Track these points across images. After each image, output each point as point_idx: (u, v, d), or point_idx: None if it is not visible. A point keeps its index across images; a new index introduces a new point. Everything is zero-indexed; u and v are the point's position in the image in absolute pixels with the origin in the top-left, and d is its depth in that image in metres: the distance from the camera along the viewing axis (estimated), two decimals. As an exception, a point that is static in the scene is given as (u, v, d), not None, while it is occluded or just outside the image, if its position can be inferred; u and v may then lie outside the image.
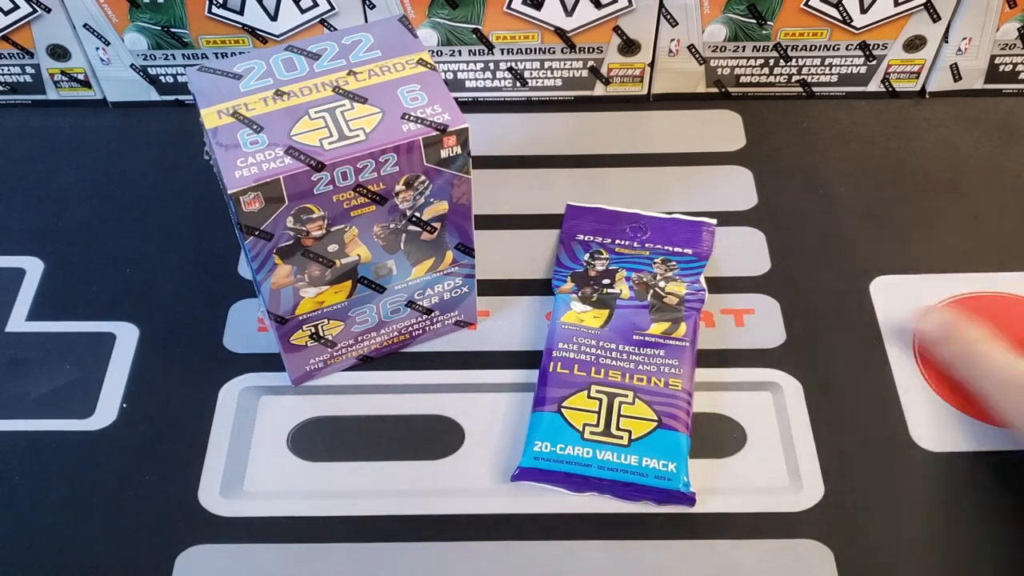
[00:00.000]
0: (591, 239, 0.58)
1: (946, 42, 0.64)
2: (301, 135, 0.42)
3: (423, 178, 0.44)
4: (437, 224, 0.47)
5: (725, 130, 0.66)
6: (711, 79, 0.67)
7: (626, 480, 0.48)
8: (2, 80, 0.66)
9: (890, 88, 0.67)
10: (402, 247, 0.48)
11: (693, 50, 0.64)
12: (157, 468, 0.50)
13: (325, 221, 0.44)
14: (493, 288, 0.57)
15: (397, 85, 0.44)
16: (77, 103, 0.67)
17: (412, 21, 0.61)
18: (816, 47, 0.64)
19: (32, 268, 0.58)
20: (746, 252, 0.59)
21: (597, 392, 0.51)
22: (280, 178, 0.41)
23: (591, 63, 0.65)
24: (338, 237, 0.45)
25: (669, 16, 0.62)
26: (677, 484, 0.48)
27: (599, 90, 0.67)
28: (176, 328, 0.55)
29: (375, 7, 0.62)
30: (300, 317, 0.48)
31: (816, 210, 0.61)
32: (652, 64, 0.65)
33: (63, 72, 0.65)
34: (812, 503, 0.48)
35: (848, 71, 0.66)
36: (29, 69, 0.65)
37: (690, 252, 0.57)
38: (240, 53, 0.61)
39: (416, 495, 0.49)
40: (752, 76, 0.66)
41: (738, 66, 0.66)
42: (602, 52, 0.64)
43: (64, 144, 0.65)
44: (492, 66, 0.65)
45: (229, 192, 0.41)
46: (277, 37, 0.63)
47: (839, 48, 0.64)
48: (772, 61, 0.65)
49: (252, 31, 0.62)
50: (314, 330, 0.50)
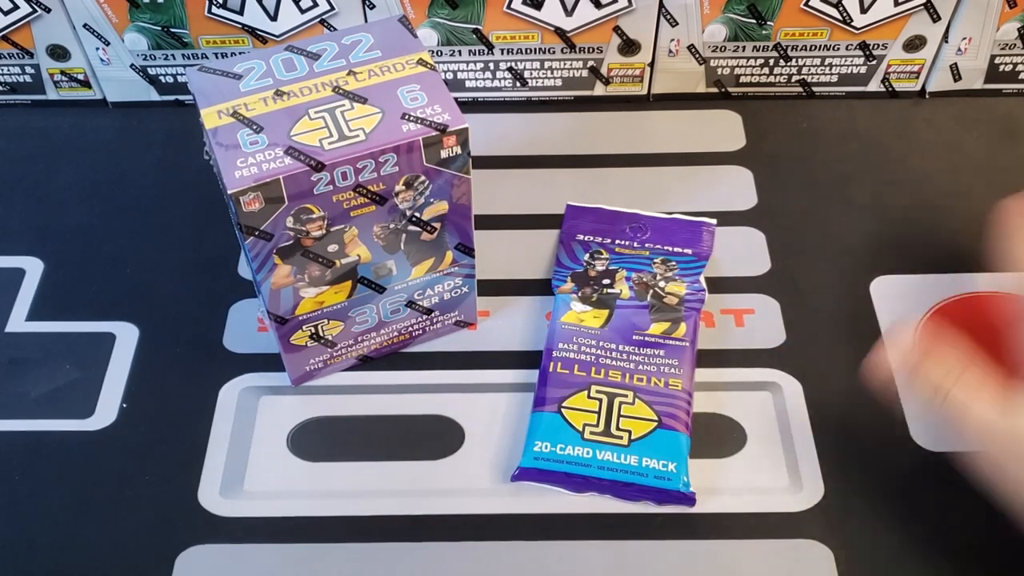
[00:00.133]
0: (591, 239, 0.58)
1: (946, 42, 0.64)
2: (301, 135, 0.42)
3: (423, 178, 0.44)
4: (437, 224, 0.47)
5: (725, 130, 0.66)
6: (711, 79, 0.67)
7: (626, 480, 0.48)
8: (2, 80, 0.66)
9: (890, 88, 0.67)
10: (402, 247, 0.48)
11: (693, 50, 0.64)
12: (157, 468, 0.50)
13: (325, 221, 0.44)
14: (493, 288, 0.57)
15: (397, 85, 0.44)
16: (77, 103, 0.67)
17: (412, 21, 0.61)
18: (816, 47, 0.64)
19: (32, 268, 0.58)
20: (746, 252, 0.59)
21: (597, 392, 0.51)
22: (280, 178, 0.41)
23: (591, 63, 0.65)
24: (338, 237, 0.45)
25: (669, 16, 0.62)
26: (677, 484, 0.48)
27: (599, 90, 0.67)
28: (176, 328, 0.55)
29: (375, 7, 0.62)
30: (300, 317, 0.48)
31: (816, 210, 0.61)
32: (652, 64, 0.65)
33: (63, 72, 0.65)
34: (812, 503, 0.48)
35: (848, 71, 0.66)
36: (29, 69, 0.65)
37: (690, 252, 0.57)
38: (240, 53, 0.61)
39: (416, 495, 0.49)
40: (752, 76, 0.66)
41: (738, 66, 0.66)
42: (602, 52, 0.64)
43: (64, 144, 0.65)
44: (492, 66, 0.65)
45: (229, 192, 0.41)
46: (277, 37, 0.63)
47: (839, 48, 0.64)
48: (772, 61, 0.65)
49: (252, 31, 0.62)
50: (314, 330, 0.50)
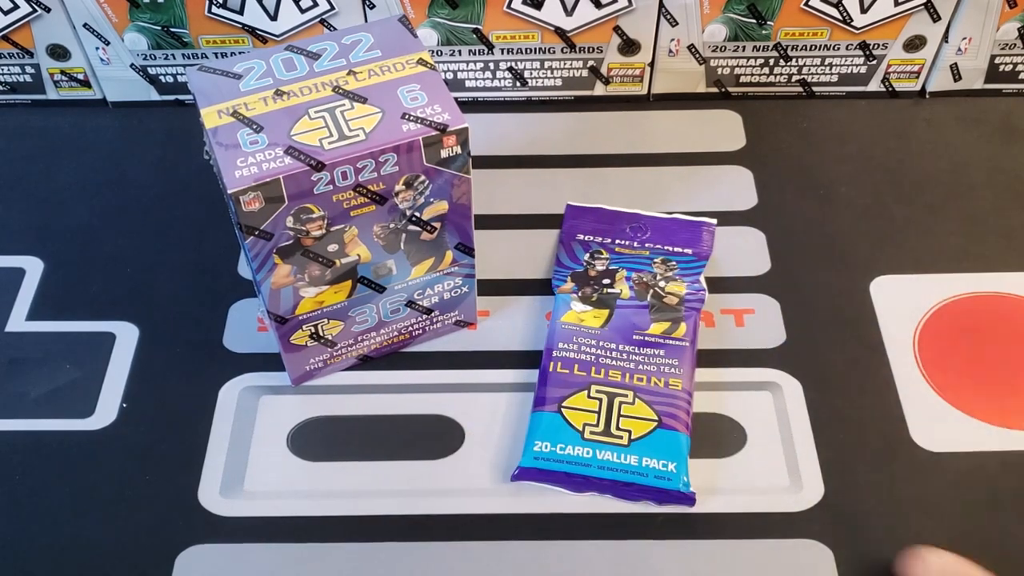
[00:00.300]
0: (591, 239, 0.58)
1: (946, 42, 0.64)
2: (301, 135, 0.42)
3: (423, 178, 0.44)
4: (437, 224, 0.47)
5: (725, 130, 0.66)
6: (711, 79, 0.67)
7: (626, 480, 0.48)
8: (2, 80, 0.66)
9: (890, 88, 0.67)
10: (402, 247, 0.48)
11: (693, 50, 0.64)
12: (157, 468, 0.50)
13: (325, 221, 0.44)
14: (493, 288, 0.57)
15: (397, 85, 0.44)
16: (77, 103, 0.67)
17: (412, 21, 0.61)
18: (816, 47, 0.64)
19: (32, 268, 0.58)
20: (746, 252, 0.59)
21: (597, 392, 0.50)
22: (280, 178, 0.41)
23: (591, 63, 0.65)
24: (338, 237, 0.45)
25: (669, 16, 0.62)
26: (677, 484, 0.48)
27: (599, 90, 0.67)
28: (176, 328, 0.55)
29: (375, 7, 0.62)
30: (300, 317, 0.48)
31: (816, 210, 0.61)
32: (652, 64, 0.65)
33: (63, 72, 0.65)
34: (812, 503, 0.48)
35: (848, 71, 0.66)
36: (29, 69, 0.65)
37: (690, 252, 0.57)
38: (240, 53, 0.61)
39: (416, 495, 0.49)
40: (752, 76, 0.66)
41: (738, 66, 0.66)
42: (602, 52, 0.64)
43: (64, 144, 0.65)
44: (492, 66, 0.65)
45: (229, 192, 0.41)
46: (277, 37, 0.63)
47: (839, 48, 0.64)
48: (772, 61, 0.65)
49: (252, 31, 0.62)
50: (314, 330, 0.50)
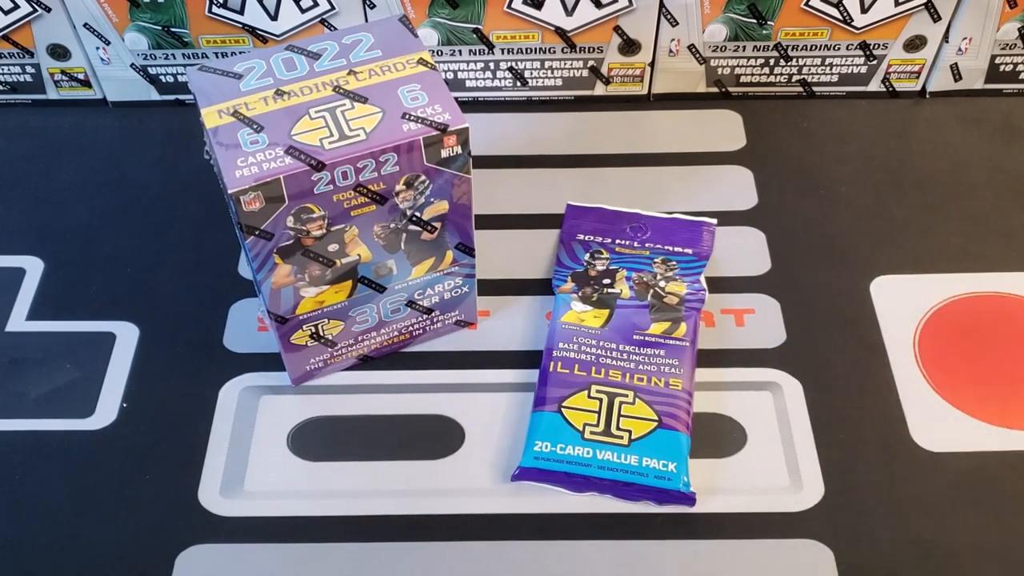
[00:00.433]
0: (591, 239, 0.58)
1: (946, 42, 0.64)
2: (301, 135, 0.42)
3: (423, 178, 0.44)
4: (437, 224, 0.47)
5: (725, 130, 0.66)
6: (711, 79, 0.67)
7: (626, 480, 0.48)
8: (2, 80, 0.66)
9: (890, 88, 0.67)
10: (402, 247, 0.48)
11: (693, 50, 0.64)
12: (157, 468, 0.50)
13: (325, 221, 0.44)
14: (493, 288, 0.57)
15: (397, 85, 0.44)
16: (77, 103, 0.67)
17: (412, 21, 0.61)
18: (816, 47, 0.64)
19: (32, 268, 0.58)
20: (746, 252, 0.59)
21: (597, 392, 0.50)
22: (280, 178, 0.41)
23: (591, 63, 0.65)
24: (338, 237, 0.45)
25: (669, 16, 0.62)
26: (677, 484, 0.48)
27: (599, 90, 0.67)
28: (176, 328, 0.55)
29: (375, 7, 0.62)
30: (300, 317, 0.48)
31: (816, 210, 0.61)
32: (652, 64, 0.65)
33: (63, 72, 0.65)
34: (812, 503, 0.48)
35: (848, 71, 0.66)
36: (29, 69, 0.65)
37: (690, 252, 0.57)
38: (240, 53, 0.61)
39: (416, 495, 0.49)
40: (752, 76, 0.66)
41: (738, 66, 0.66)
42: (602, 52, 0.64)
43: (64, 144, 0.65)
44: (492, 66, 0.65)
45: (229, 192, 0.41)
46: (277, 37, 0.63)
47: (839, 48, 0.64)
48: (772, 61, 0.65)
49: (252, 31, 0.62)
50: (314, 330, 0.50)
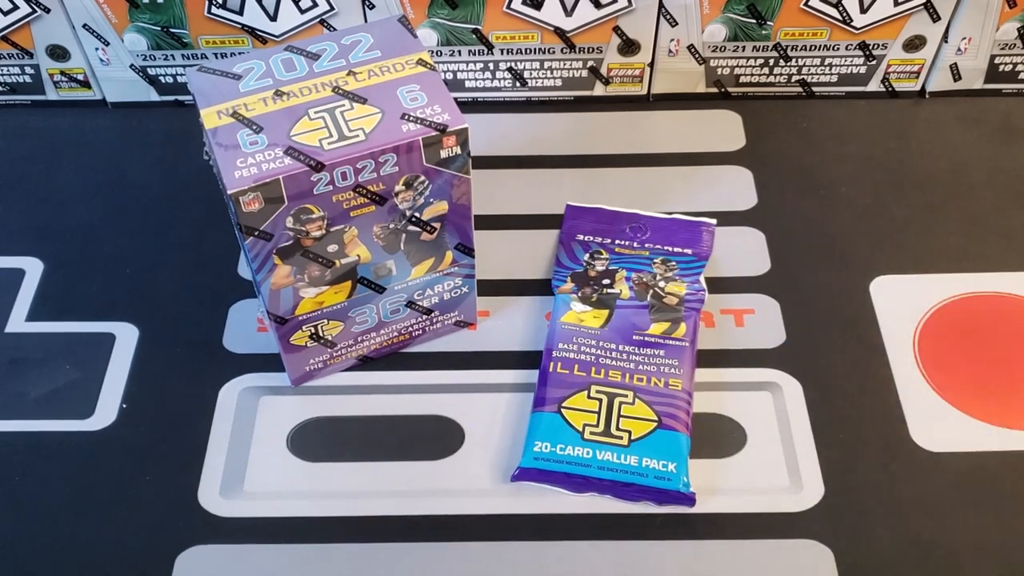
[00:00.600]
0: (591, 239, 0.58)
1: (946, 42, 0.64)
2: (301, 135, 0.42)
3: (423, 178, 0.44)
4: (437, 224, 0.47)
5: (725, 130, 0.66)
6: (711, 79, 0.67)
7: (626, 480, 0.48)
8: (2, 80, 0.66)
9: (890, 88, 0.67)
10: (402, 247, 0.48)
11: (693, 50, 0.64)
12: (157, 468, 0.50)
13: (325, 221, 0.44)
14: (493, 288, 0.57)
15: (397, 85, 0.44)
16: (77, 103, 0.67)
17: (412, 21, 0.61)
18: (816, 47, 0.64)
19: (32, 268, 0.58)
20: (746, 252, 0.59)
21: (597, 392, 0.50)
22: (280, 178, 0.41)
23: (591, 63, 0.65)
24: (338, 237, 0.45)
25: (669, 16, 0.62)
26: (677, 484, 0.48)
27: (599, 90, 0.67)
28: (176, 328, 0.55)
29: (375, 7, 0.62)
30: (300, 317, 0.48)
31: (816, 210, 0.61)
32: (652, 64, 0.65)
33: (63, 72, 0.65)
34: (812, 503, 0.48)
35: (848, 71, 0.66)
36: (29, 69, 0.65)
37: (690, 252, 0.57)
38: (240, 53, 0.61)
39: (416, 495, 0.49)
40: (752, 76, 0.66)
41: (738, 66, 0.66)
42: (602, 52, 0.64)
43: (64, 144, 0.65)
44: (492, 66, 0.65)
45: (229, 192, 0.41)
46: (277, 37, 0.63)
47: (839, 48, 0.64)
48: (772, 61, 0.65)
49: (252, 31, 0.62)
50: (314, 330, 0.50)
